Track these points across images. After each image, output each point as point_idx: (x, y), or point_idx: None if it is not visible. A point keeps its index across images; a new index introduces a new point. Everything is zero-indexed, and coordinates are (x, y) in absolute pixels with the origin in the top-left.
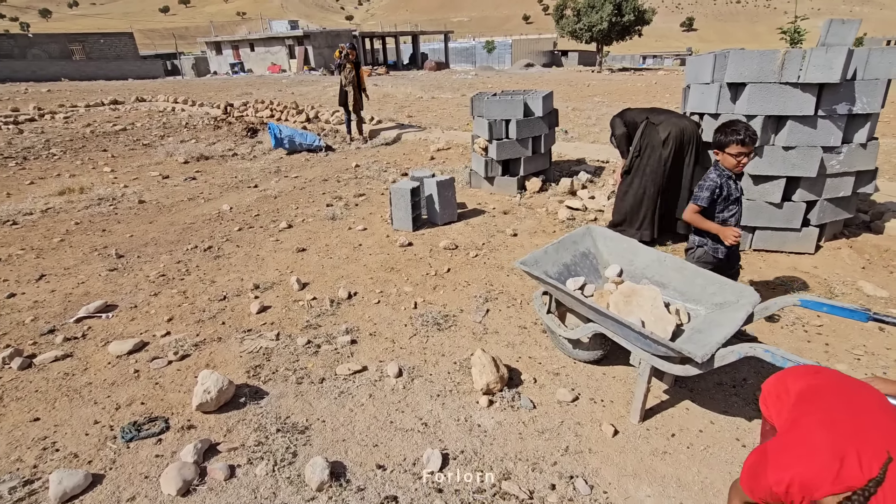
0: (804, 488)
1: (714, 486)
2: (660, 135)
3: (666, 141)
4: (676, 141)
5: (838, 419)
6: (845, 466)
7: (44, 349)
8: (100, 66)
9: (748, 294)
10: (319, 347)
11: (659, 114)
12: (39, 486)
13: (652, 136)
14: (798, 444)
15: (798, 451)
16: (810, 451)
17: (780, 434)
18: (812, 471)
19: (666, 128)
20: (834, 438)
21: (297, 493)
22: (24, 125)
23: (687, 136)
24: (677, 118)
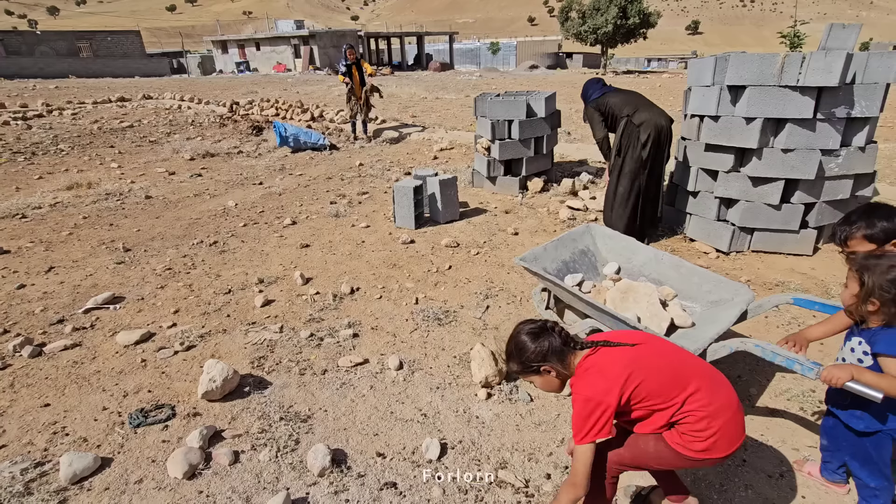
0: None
1: (706, 479)
2: (640, 136)
3: (646, 143)
4: (654, 143)
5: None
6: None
7: (53, 338)
8: (107, 63)
9: (743, 292)
10: (322, 340)
11: (637, 108)
12: (50, 468)
13: (632, 137)
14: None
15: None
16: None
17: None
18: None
19: (646, 129)
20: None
21: (299, 479)
22: (33, 121)
23: (664, 136)
24: (656, 116)
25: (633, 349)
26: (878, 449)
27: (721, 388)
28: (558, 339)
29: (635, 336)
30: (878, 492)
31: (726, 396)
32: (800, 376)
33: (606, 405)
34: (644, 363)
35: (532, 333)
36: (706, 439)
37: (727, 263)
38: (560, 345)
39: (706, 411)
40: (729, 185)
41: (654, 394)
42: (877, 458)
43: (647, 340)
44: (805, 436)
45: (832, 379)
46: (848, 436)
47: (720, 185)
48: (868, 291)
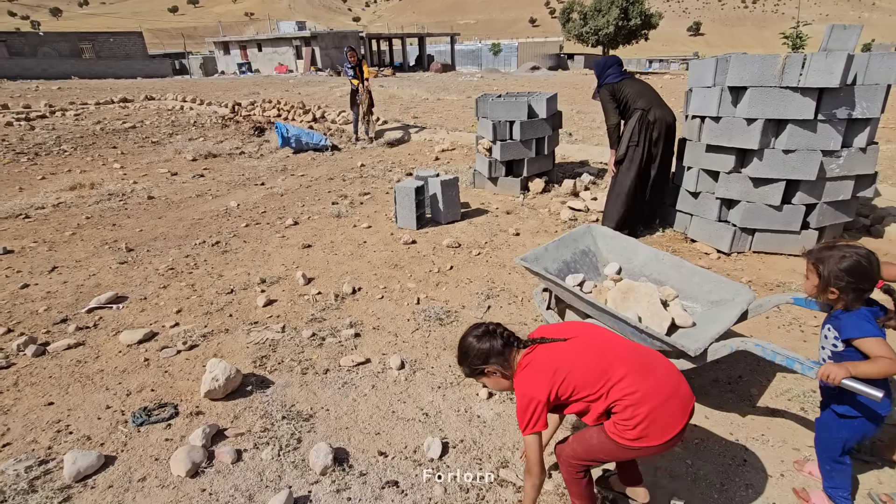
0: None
1: (707, 478)
2: (653, 133)
3: (657, 141)
4: (665, 141)
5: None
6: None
7: (57, 337)
8: (109, 64)
9: (743, 292)
10: (324, 340)
11: (652, 104)
12: (54, 465)
13: (645, 133)
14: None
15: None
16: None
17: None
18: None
19: (659, 126)
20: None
21: (301, 477)
22: (36, 122)
23: (672, 133)
24: (666, 113)
25: (563, 344)
26: (848, 434)
27: (652, 374)
28: (500, 340)
29: (571, 329)
30: (833, 473)
31: (656, 383)
32: (801, 376)
33: (538, 401)
34: (571, 357)
35: (475, 337)
36: (634, 427)
37: (728, 264)
38: (501, 346)
39: (632, 399)
40: (730, 186)
41: (581, 385)
42: (840, 442)
43: (581, 333)
44: (806, 436)
45: (829, 376)
46: (828, 417)
47: (721, 185)
48: (826, 281)
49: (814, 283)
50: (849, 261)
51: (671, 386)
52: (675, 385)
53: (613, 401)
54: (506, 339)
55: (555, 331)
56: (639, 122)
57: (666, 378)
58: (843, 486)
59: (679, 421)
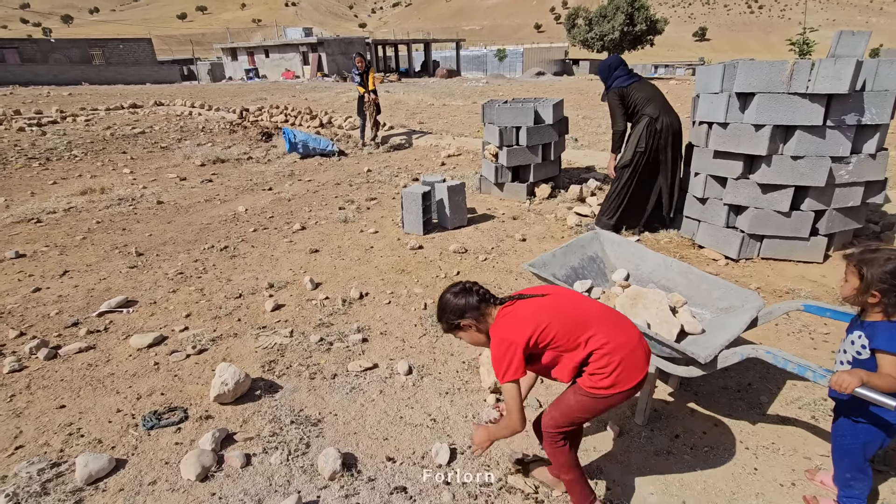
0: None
1: (717, 487)
2: (661, 140)
3: (664, 147)
4: (673, 148)
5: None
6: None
7: (68, 341)
8: (119, 70)
9: (753, 299)
10: (332, 345)
11: (660, 111)
12: (66, 468)
13: (652, 139)
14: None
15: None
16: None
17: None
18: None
19: (666, 135)
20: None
21: (310, 482)
22: (47, 127)
23: (678, 139)
24: (674, 119)
25: (542, 298)
26: (865, 442)
27: (620, 328)
28: (475, 297)
29: (545, 289)
30: (852, 482)
31: (626, 335)
32: (812, 384)
33: (517, 344)
34: (551, 309)
35: (452, 294)
36: (609, 374)
37: (737, 270)
38: (476, 302)
39: (606, 349)
40: (738, 192)
41: (559, 335)
42: (860, 450)
43: (555, 292)
44: (817, 444)
45: (842, 384)
46: (842, 423)
47: (729, 191)
48: (868, 284)
49: (853, 285)
50: (895, 263)
51: (636, 338)
52: (638, 337)
53: (591, 350)
54: (481, 295)
55: (530, 291)
56: (646, 128)
57: (631, 332)
58: (860, 497)
59: (644, 367)
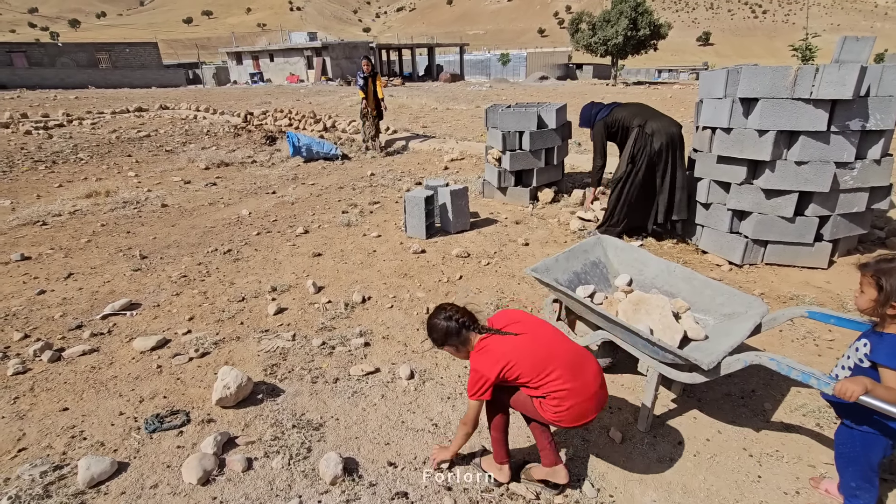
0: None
1: (720, 494)
2: (654, 145)
3: (660, 152)
4: (669, 150)
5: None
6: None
7: (72, 343)
8: (125, 74)
9: (756, 305)
10: (334, 349)
11: (647, 118)
12: (68, 471)
13: (645, 146)
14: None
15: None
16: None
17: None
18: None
19: (659, 138)
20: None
21: (311, 487)
22: (54, 130)
23: (676, 141)
24: (666, 124)
25: (516, 338)
26: (867, 449)
27: (581, 375)
28: (455, 324)
29: (523, 325)
30: (858, 491)
31: (583, 383)
32: (815, 391)
33: (486, 379)
34: (519, 351)
35: (438, 319)
36: (555, 413)
37: (740, 276)
38: (457, 329)
39: (560, 395)
40: (742, 198)
41: (524, 374)
42: (863, 457)
43: (530, 330)
44: (822, 452)
45: (846, 392)
46: (841, 431)
47: (733, 197)
48: (888, 295)
49: (871, 297)
50: None
51: (594, 387)
52: (597, 387)
53: (546, 392)
54: (461, 324)
55: (508, 323)
56: (637, 137)
57: (592, 380)
58: None
59: (590, 416)
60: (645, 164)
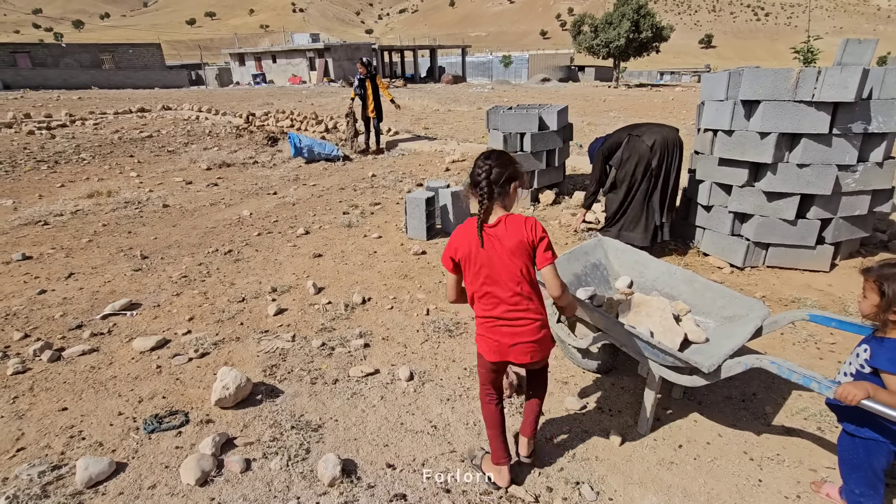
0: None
1: (720, 498)
2: (645, 143)
3: (653, 148)
4: (662, 147)
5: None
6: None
7: (72, 343)
8: (128, 75)
9: (757, 308)
10: (333, 350)
11: (639, 126)
12: (67, 471)
13: (637, 147)
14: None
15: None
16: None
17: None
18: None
19: (650, 136)
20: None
21: (309, 488)
22: (57, 130)
23: (671, 145)
24: (658, 128)
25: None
26: (869, 455)
27: (501, 304)
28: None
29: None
30: (862, 498)
31: (502, 313)
32: (817, 395)
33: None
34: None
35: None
36: (478, 337)
37: (741, 279)
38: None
39: (481, 318)
40: (743, 200)
41: (467, 270)
42: (867, 464)
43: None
44: (823, 456)
45: (848, 396)
46: (843, 438)
47: (734, 199)
48: (889, 301)
49: (873, 302)
50: None
51: (520, 330)
52: (524, 329)
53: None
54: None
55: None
56: (628, 142)
57: (506, 331)
58: None
59: (506, 354)
60: (642, 169)
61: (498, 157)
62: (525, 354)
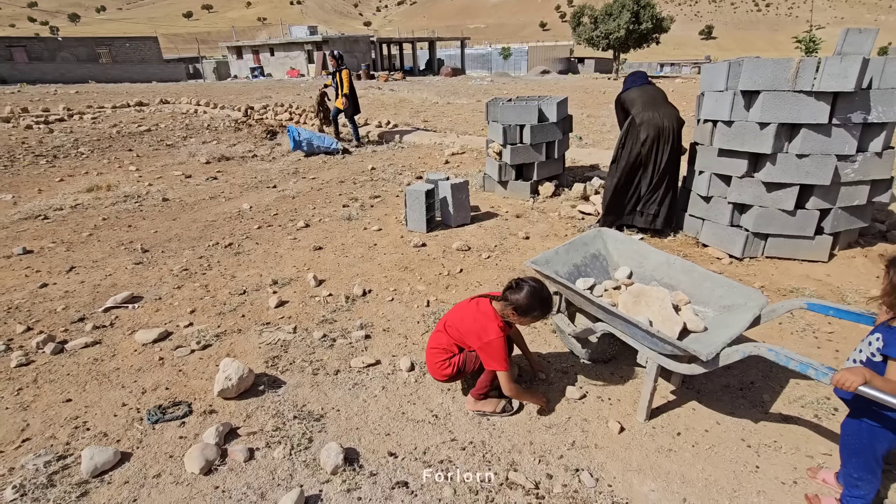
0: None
1: (718, 484)
2: (640, 136)
3: (644, 142)
4: (653, 142)
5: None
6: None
7: (74, 336)
8: (125, 69)
9: (756, 297)
10: (335, 341)
11: (644, 107)
12: (72, 461)
13: (631, 135)
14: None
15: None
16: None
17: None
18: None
19: (646, 129)
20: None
21: (312, 476)
22: (55, 125)
23: (665, 135)
24: (658, 117)
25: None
26: (873, 440)
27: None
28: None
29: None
30: (859, 482)
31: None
32: (814, 383)
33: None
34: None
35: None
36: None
37: (740, 269)
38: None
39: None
40: (742, 191)
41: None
42: (869, 449)
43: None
44: (819, 443)
45: (845, 382)
46: (847, 422)
47: (733, 190)
48: (894, 286)
49: (885, 290)
50: None
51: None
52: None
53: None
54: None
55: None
56: (628, 125)
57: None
58: (865, 498)
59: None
60: (630, 155)
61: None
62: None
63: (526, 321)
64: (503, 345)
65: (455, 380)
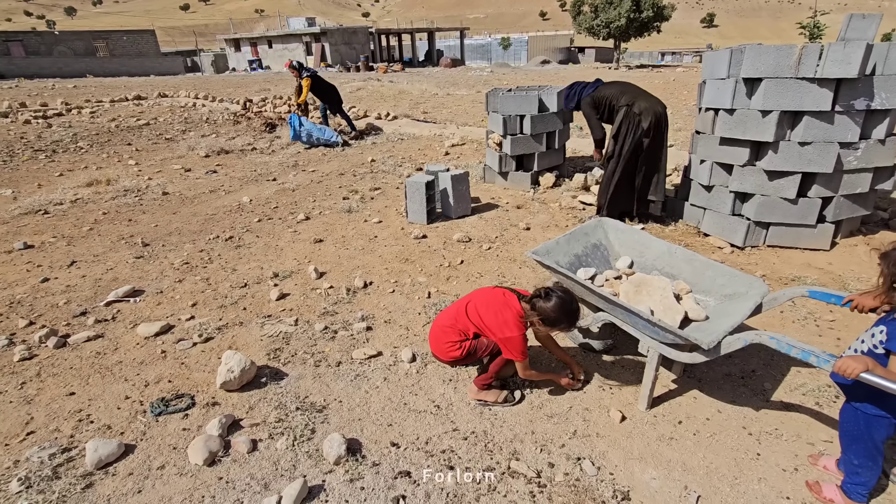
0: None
1: (719, 471)
2: (642, 124)
3: (647, 131)
4: (656, 130)
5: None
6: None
7: (77, 330)
8: (123, 62)
9: (757, 285)
10: (336, 333)
11: (636, 98)
12: (76, 453)
13: (632, 125)
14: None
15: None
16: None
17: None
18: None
19: (647, 117)
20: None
21: (315, 466)
22: (53, 119)
23: (663, 122)
24: (653, 104)
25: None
26: (871, 427)
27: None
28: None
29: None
30: (860, 469)
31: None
32: (815, 371)
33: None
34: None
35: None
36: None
37: (742, 258)
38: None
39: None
40: (744, 179)
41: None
42: (867, 435)
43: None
44: (820, 430)
45: (847, 370)
46: (845, 409)
47: (735, 179)
48: (885, 277)
49: (881, 282)
50: None
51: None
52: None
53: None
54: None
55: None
56: (625, 116)
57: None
58: (866, 484)
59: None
60: (632, 145)
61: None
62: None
63: (551, 332)
64: (524, 341)
65: (458, 365)
